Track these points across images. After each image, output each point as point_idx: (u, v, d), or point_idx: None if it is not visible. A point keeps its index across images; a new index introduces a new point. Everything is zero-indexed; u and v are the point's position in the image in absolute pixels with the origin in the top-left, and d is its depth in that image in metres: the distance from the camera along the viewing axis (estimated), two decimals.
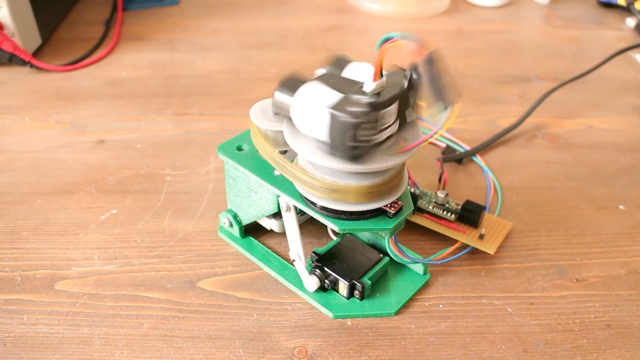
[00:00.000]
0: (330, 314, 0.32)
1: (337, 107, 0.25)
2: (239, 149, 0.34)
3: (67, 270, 0.35)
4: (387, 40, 0.25)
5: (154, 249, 0.36)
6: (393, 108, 0.26)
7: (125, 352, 0.30)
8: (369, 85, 0.26)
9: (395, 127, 0.27)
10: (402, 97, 0.27)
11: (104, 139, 0.47)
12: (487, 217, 0.38)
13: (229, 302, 0.33)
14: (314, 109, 0.26)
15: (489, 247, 0.35)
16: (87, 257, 0.36)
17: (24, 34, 0.55)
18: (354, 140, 0.25)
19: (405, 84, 0.26)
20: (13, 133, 0.47)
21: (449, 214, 0.37)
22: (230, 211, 0.36)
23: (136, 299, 0.33)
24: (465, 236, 0.36)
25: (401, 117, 0.27)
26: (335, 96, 0.26)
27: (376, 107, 0.25)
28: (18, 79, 0.55)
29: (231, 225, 0.36)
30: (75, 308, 0.32)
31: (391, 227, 0.29)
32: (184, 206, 0.40)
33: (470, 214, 0.36)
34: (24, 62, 0.54)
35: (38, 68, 0.55)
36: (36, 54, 0.58)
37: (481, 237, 0.36)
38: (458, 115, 0.51)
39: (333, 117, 0.25)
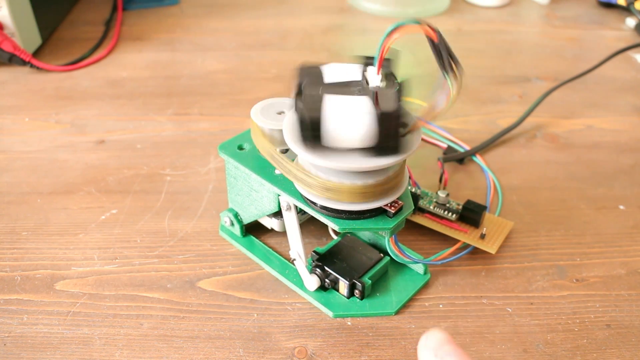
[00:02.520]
0: (330, 313, 0.32)
1: (381, 106, 0.25)
2: (240, 148, 0.34)
3: (67, 270, 0.35)
4: (396, 29, 0.25)
5: (154, 249, 0.36)
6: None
7: (125, 352, 0.30)
8: (376, 78, 0.27)
9: None
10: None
11: (104, 139, 0.47)
12: (487, 216, 0.38)
13: (229, 302, 0.33)
14: (355, 117, 0.26)
15: (490, 247, 0.35)
16: (87, 257, 0.36)
17: (24, 34, 0.55)
18: (401, 129, 0.26)
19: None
20: (13, 133, 0.47)
21: (450, 213, 0.37)
22: (231, 210, 0.36)
23: (136, 299, 0.33)
24: (466, 236, 0.36)
25: None
26: (363, 100, 0.26)
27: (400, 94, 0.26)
28: (18, 79, 0.55)
29: (232, 224, 0.36)
30: (75, 308, 0.32)
31: (391, 226, 0.29)
32: (184, 206, 0.40)
33: (471, 214, 0.36)
34: (24, 62, 0.54)
35: (38, 68, 0.55)
36: (36, 54, 0.58)
37: (482, 236, 0.36)
38: (458, 115, 0.51)
39: (383, 116, 0.25)
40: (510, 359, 0.30)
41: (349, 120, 0.26)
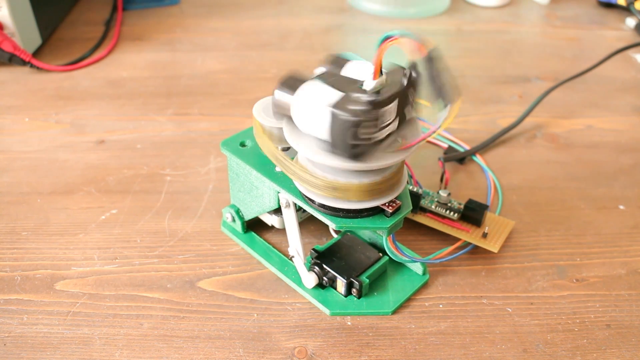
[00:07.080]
0: (327, 311, 0.32)
1: (337, 105, 0.25)
2: (242, 144, 0.34)
3: (67, 270, 0.35)
4: (387, 38, 0.25)
5: (154, 249, 0.36)
6: (393, 106, 0.26)
7: (125, 352, 0.30)
8: (369, 84, 0.26)
9: (395, 125, 0.27)
10: (401, 94, 0.27)
11: (104, 139, 0.47)
12: (489, 216, 0.38)
13: (229, 302, 0.33)
14: (315, 107, 0.26)
15: (492, 246, 0.35)
16: (87, 257, 0.36)
17: (24, 34, 0.55)
18: (354, 139, 0.25)
19: (405, 82, 0.26)
20: (13, 133, 0.47)
21: (451, 212, 0.37)
22: (233, 206, 0.36)
23: (136, 299, 0.33)
24: (468, 235, 0.36)
25: (401, 115, 0.27)
26: (336, 95, 0.26)
27: (376, 105, 0.25)
28: (18, 79, 0.55)
29: (234, 220, 0.36)
30: (75, 308, 0.32)
31: (388, 225, 0.29)
32: (184, 206, 0.40)
33: (473, 213, 0.36)
34: (24, 62, 0.54)
35: (38, 68, 0.55)
36: (36, 54, 0.58)
37: (484, 235, 0.36)
38: (458, 115, 0.51)
39: (334, 115, 0.25)
40: (510, 359, 0.30)
41: (309, 107, 0.26)
